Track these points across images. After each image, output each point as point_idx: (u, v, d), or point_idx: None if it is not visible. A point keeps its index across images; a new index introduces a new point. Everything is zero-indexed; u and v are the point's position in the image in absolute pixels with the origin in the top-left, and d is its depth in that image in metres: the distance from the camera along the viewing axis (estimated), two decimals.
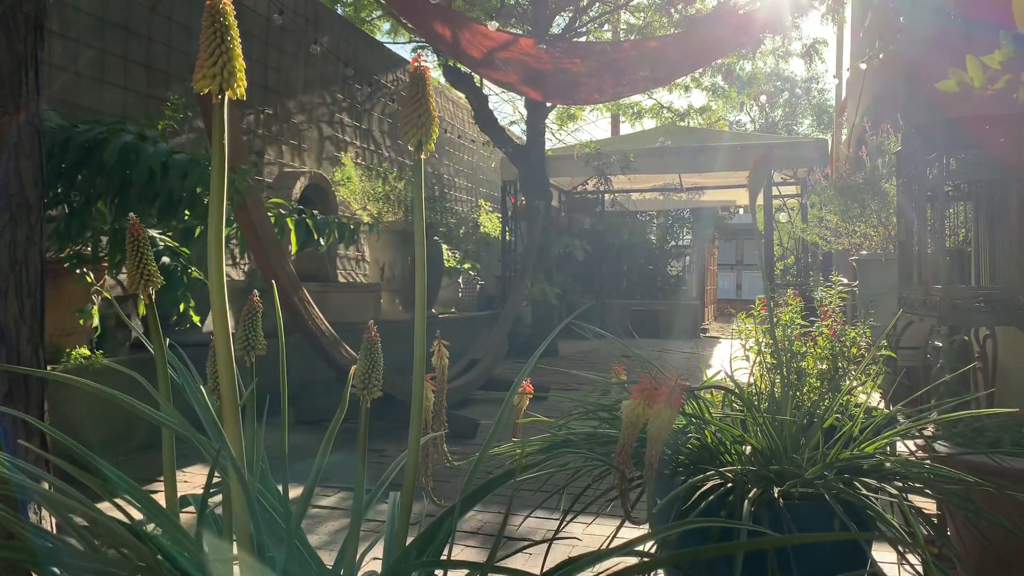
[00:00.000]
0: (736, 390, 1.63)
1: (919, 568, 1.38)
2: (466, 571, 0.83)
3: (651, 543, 1.16)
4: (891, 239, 3.63)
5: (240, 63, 0.63)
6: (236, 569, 0.78)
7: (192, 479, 2.88)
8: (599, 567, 0.97)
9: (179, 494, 0.97)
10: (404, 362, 1.35)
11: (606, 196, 10.86)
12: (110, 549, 0.73)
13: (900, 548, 1.34)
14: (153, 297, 0.87)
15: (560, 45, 5.20)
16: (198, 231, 3.35)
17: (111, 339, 3.74)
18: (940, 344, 2.59)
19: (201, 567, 0.72)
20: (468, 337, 6.73)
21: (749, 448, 1.60)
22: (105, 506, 0.91)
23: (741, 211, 18.94)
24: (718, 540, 1.30)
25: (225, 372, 0.73)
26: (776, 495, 1.43)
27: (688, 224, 14.17)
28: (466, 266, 8.72)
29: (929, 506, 2.11)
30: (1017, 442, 1.81)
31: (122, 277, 4.39)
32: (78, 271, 3.10)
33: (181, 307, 2.96)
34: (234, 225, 3.46)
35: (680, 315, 11.41)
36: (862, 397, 2.11)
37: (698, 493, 1.37)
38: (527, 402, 1.89)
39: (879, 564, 1.95)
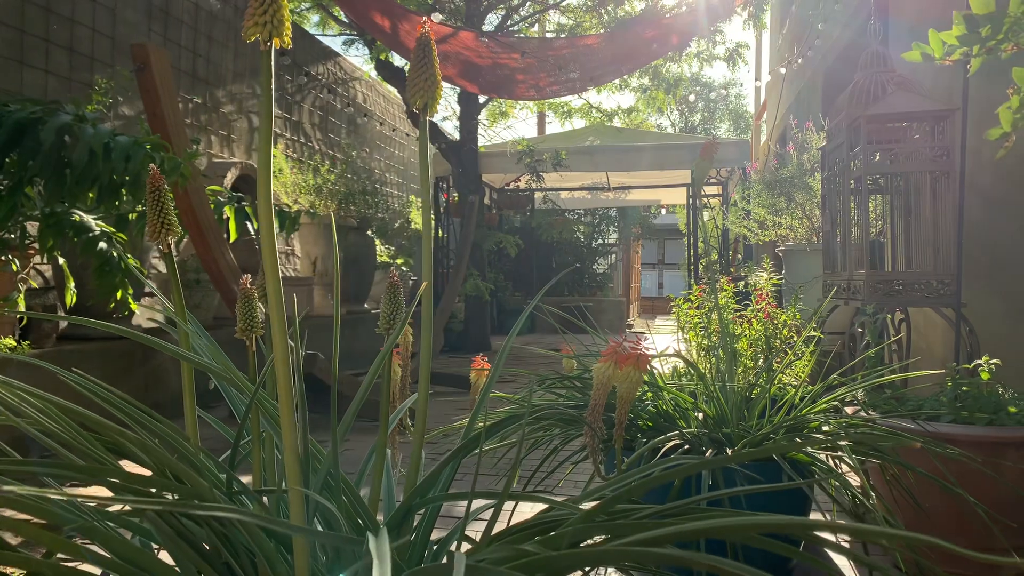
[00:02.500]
0: (690, 360, 1.72)
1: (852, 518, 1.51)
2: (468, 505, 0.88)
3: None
4: (815, 230, 3.85)
5: (287, 14, 0.67)
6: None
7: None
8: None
9: None
10: (341, 356, 1.35)
11: (537, 194, 11.00)
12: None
13: (835, 496, 1.46)
14: (171, 247, 0.88)
15: (500, 39, 5.25)
16: (132, 216, 3.26)
17: (36, 330, 3.59)
18: (860, 328, 2.78)
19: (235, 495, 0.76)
20: None
21: (701, 415, 1.70)
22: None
23: (663, 211, 19.51)
24: (679, 492, 1.39)
25: (274, 293, 0.77)
26: (729, 454, 1.53)
27: (614, 223, 14.51)
28: (399, 261, 8.69)
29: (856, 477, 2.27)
30: (935, 408, 1.98)
31: (44, 267, 4.20)
32: (3, 258, 2.98)
33: (119, 294, 2.87)
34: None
35: (607, 311, 11.72)
36: (793, 380, 2.26)
37: (660, 453, 1.46)
38: (484, 379, 1.95)
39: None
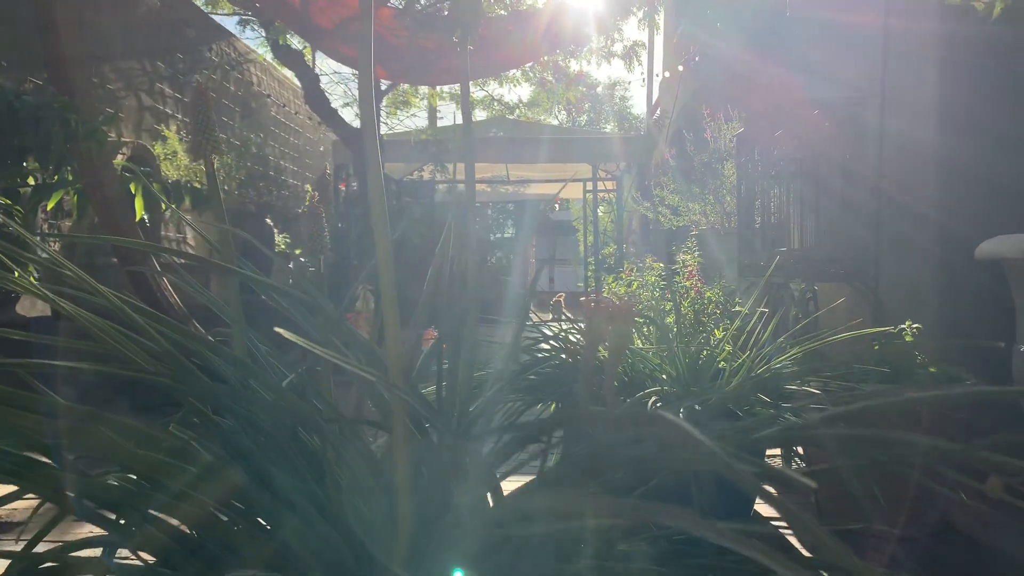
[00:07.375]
0: (658, 321, 1.78)
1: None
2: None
3: None
4: (727, 215, 4.04)
5: None
6: None
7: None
8: None
9: None
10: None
11: (440, 185, 10.92)
12: None
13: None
14: (215, 165, 0.81)
15: (420, 18, 5.13)
16: (23, 191, 3.01)
17: None
18: (782, 297, 2.95)
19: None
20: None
21: (665, 375, 1.76)
22: None
23: (557, 206, 19.89)
24: None
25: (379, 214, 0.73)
26: (697, 407, 1.60)
27: (512, 217, 14.67)
28: (297, 251, 8.42)
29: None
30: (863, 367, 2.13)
31: None
32: None
33: (17, 274, 2.63)
34: (71, 190, 3.12)
35: (506, 304, 11.82)
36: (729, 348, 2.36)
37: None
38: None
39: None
